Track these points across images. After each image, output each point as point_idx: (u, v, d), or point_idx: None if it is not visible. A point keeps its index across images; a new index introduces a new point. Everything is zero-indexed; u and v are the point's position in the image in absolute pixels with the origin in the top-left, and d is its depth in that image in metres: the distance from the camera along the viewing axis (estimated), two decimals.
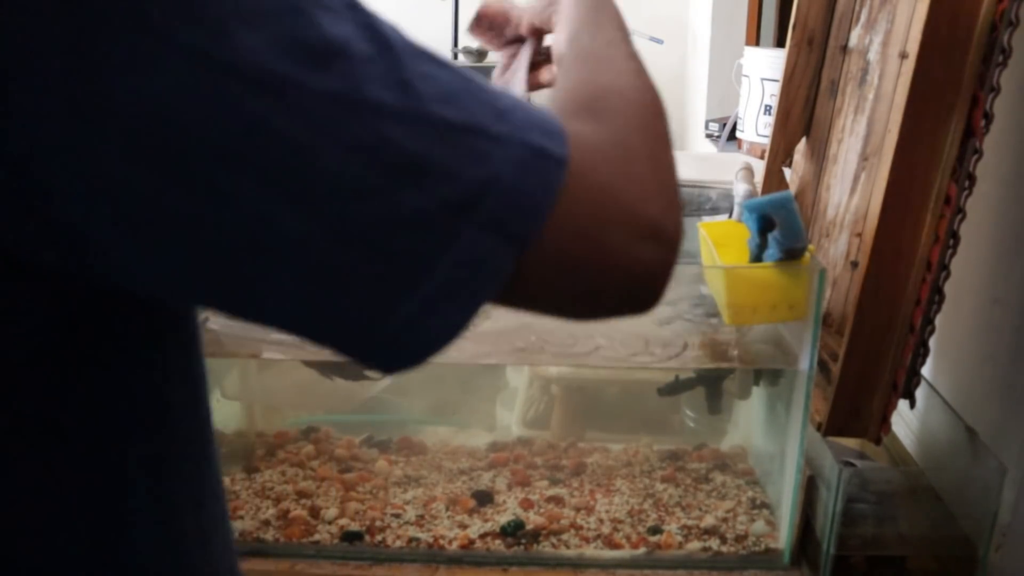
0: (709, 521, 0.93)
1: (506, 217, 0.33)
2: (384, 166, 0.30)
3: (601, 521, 0.94)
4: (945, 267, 0.76)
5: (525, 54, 0.68)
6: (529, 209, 0.33)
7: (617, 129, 0.39)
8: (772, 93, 1.69)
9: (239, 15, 0.28)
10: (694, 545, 0.91)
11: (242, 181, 0.29)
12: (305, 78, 0.29)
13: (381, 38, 0.31)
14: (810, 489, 0.88)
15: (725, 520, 0.94)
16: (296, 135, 0.29)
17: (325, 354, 0.36)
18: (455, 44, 2.92)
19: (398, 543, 0.92)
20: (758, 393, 1.01)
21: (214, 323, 0.90)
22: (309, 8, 0.30)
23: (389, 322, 0.33)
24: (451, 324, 0.34)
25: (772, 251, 0.81)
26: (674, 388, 0.98)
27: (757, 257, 0.83)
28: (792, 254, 0.81)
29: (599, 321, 0.42)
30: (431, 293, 0.32)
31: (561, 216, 0.34)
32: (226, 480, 1.02)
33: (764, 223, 0.79)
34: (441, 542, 0.91)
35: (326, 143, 0.29)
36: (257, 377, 1.11)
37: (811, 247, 0.85)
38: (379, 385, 1.11)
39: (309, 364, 1.01)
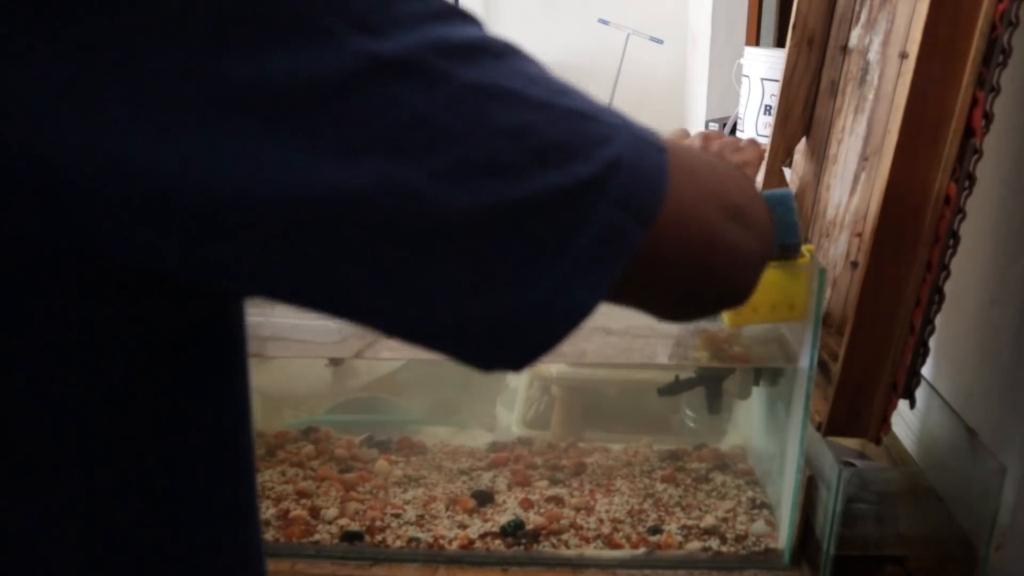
0: (709, 521, 0.93)
1: (634, 194, 0.35)
2: (528, 149, 0.32)
3: (601, 521, 0.94)
4: (945, 267, 0.76)
5: None
6: (652, 187, 0.36)
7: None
8: (772, 93, 1.69)
9: (392, 19, 0.30)
10: (694, 545, 0.91)
11: (407, 169, 0.30)
12: (454, 71, 0.31)
13: (501, 41, 0.34)
14: (810, 489, 0.88)
15: (725, 520, 0.94)
16: (451, 122, 0.30)
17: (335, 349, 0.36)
18: None
19: (398, 543, 0.92)
20: (758, 393, 1.01)
21: None
22: (446, 14, 0.32)
23: (528, 301, 0.33)
24: (585, 302, 0.34)
25: None
26: (674, 388, 0.98)
27: None
28: (786, 250, 0.80)
29: (698, 315, 0.45)
30: (568, 270, 0.33)
31: (671, 197, 0.36)
32: None
33: None
34: (441, 542, 0.91)
35: (478, 130, 0.31)
36: (256, 377, 1.10)
37: (811, 247, 0.85)
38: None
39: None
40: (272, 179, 0.28)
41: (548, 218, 0.33)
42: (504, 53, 0.33)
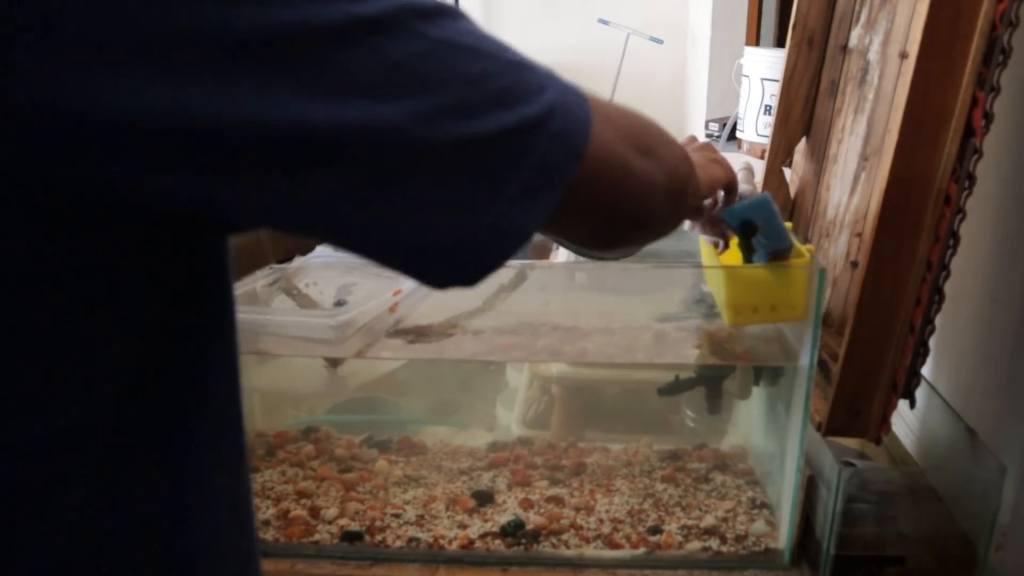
0: (709, 521, 0.93)
1: (567, 132, 0.41)
2: (486, 94, 0.38)
3: (601, 521, 0.94)
4: (945, 267, 0.76)
5: None
6: (581, 128, 0.42)
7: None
8: (772, 93, 1.69)
9: None
10: (694, 545, 0.91)
11: (389, 109, 0.35)
12: (424, 29, 0.36)
13: (451, 6, 0.39)
14: (810, 489, 0.88)
15: (725, 520, 0.94)
16: (425, 71, 0.36)
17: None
18: None
19: (398, 543, 0.92)
20: (758, 393, 1.01)
21: None
22: None
23: (482, 222, 0.39)
24: (528, 224, 0.40)
25: (759, 255, 0.80)
26: (674, 388, 0.98)
27: (747, 261, 0.82)
28: (778, 255, 0.80)
29: (616, 241, 0.52)
30: (515, 196, 0.39)
31: (594, 136, 0.42)
32: None
33: (747, 228, 0.78)
34: (441, 542, 0.91)
35: (447, 77, 0.37)
36: (257, 374, 1.11)
37: (811, 247, 0.85)
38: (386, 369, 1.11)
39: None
40: (275, 113, 0.32)
41: (501, 151, 0.39)
42: (457, 15, 0.39)
